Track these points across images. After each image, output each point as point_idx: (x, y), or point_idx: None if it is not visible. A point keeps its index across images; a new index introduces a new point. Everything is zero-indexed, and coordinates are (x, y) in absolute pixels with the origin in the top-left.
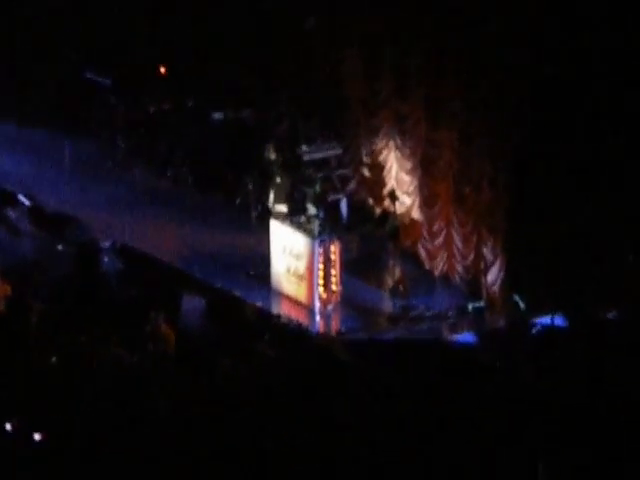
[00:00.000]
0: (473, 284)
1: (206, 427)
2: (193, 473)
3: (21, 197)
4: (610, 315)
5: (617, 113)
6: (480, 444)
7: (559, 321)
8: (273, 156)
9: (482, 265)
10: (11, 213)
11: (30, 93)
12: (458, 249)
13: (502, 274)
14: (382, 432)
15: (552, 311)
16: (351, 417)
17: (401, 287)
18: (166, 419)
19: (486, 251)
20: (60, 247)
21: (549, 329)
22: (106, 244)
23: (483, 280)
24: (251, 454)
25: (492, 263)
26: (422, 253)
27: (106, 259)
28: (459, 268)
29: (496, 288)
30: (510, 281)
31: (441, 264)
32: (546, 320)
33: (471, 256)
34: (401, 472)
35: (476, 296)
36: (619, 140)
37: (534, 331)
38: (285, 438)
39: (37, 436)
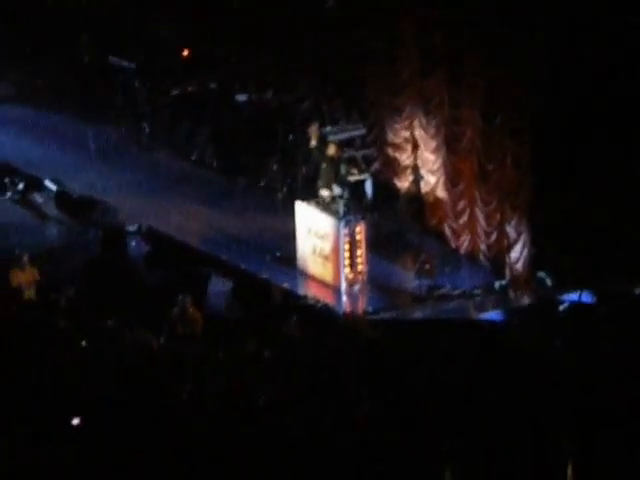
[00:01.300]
0: (498, 262)
1: (231, 410)
2: (217, 457)
3: (47, 182)
4: (638, 291)
5: None
6: (508, 428)
7: (587, 298)
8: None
9: (506, 243)
10: (38, 198)
11: (54, 78)
12: (482, 227)
13: (526, 252)
14: (410, 412)
15: (579, 288)
16: (379, 397)
17: (427, 266)
18: (191, 402)
19: (509, 229)
20: (87, 231)
21: (577, 306)
22: (132, 228)
23: (507, 258)
24: (277, 437)
25: (516, 241)
26: (447, 232)
27: (133, 243)
28: (483, 246)
29: (520, 266)
30: (535, 258)
31: (466, 242)
32: (573, 297)
33: (495, 234)
34: (429, 455)
35: (501, 274)
36: None
37: (561, 308)
38: (312, 420)
39: (75, 420)
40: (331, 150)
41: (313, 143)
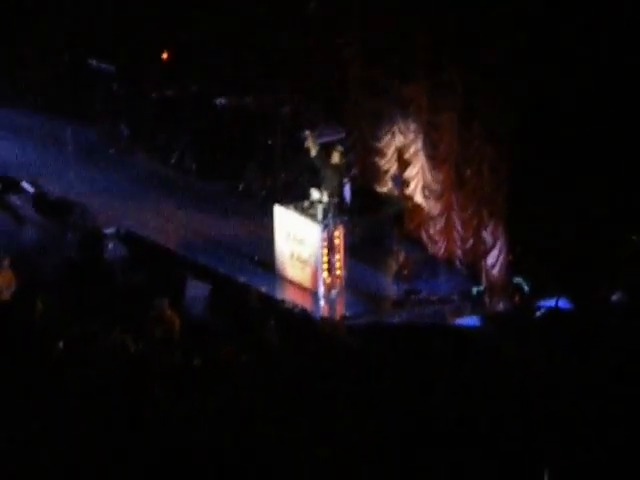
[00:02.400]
0: (475, 268)
1: (208, 414)
2: (194, 462)
3: (25, 184)
4: (614, 297)
5: (622, 96)
6: (485, 433)
7: (564, 304)
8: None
9: (482, 249)
10: (15, 200)
11: (33, 80)
12: (459, 233)
13: (503, 257)
14: (388, 417)
15: (556, 294)
16: (356, 402)
17: (405, 271)
18: (168, 405)
19: (486, 235)
20: (64, 234)
21: (553, 312)
22: (110, 230)
23: (483, 264)
24: (253, 442)
25: (492, 246)
26: (424, 237)
27: (110, 245)
28: (460, 252)
29: (496, 272)
30: (512, 264)
31: (443, 248)
32: (550, 303)
33: (471, 240)
34: (404, 461)
35: (478, 280)
36: (624, 123)
37: (538, 314)
38: (289, 425)
39: None
40: (335, 158)
41: (313, 151)
